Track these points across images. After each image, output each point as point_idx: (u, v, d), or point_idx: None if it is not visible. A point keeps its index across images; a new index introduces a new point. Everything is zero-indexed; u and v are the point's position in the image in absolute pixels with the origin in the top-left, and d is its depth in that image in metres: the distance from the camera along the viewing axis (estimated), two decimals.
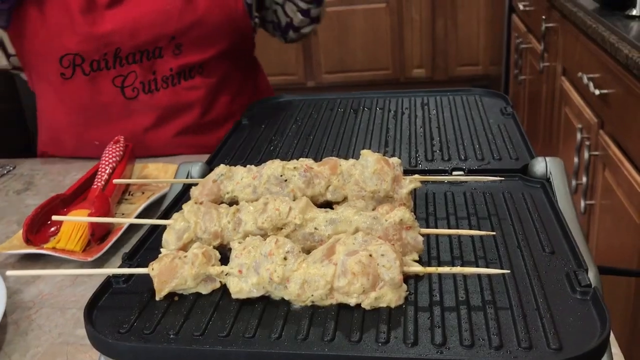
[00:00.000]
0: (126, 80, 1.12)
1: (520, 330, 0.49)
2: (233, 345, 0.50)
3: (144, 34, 1.09)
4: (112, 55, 1.10)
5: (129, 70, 1.12)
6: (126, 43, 1.09)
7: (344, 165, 0.69)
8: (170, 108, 1.17)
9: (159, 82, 1.15)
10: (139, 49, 1.10)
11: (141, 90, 1.14)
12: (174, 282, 0.56)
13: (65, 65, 1.09)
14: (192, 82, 1.17)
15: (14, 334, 0.72)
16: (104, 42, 1.08)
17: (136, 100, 1.15)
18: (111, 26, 1.07)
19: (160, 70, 1.14)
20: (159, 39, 1.10)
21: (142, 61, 1.12)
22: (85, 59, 1.09)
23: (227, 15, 1.14)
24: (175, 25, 1.10)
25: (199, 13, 1.11)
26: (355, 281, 0.53)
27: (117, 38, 1.08)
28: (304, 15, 1.25)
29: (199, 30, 1.12)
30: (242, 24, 1.18)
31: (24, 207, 1.02)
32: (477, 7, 3.77)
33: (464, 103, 0.99)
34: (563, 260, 0.58)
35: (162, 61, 1.13)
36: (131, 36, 1.09)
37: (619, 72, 1.51)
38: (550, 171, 0.73)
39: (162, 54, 1.12)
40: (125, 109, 1.15)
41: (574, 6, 1.89)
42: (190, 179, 0.79)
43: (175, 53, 1.13)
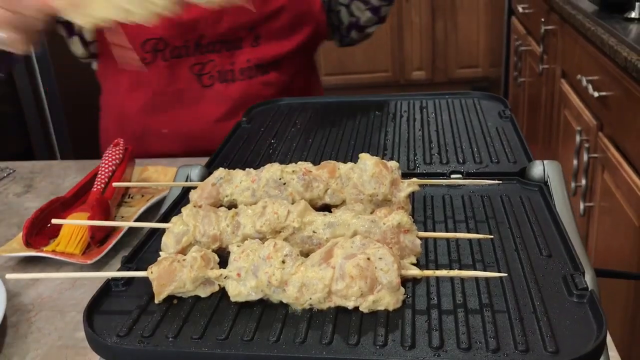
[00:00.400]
0: (204, 68, 1.14)
1: (517, 333, 0.49)
2: (232, 348, 0.50)
3: (227, 22, 1.11)
4: (193, 42, 1.11)
5: (208, 59, 1.14)
6: (209, 31, 1.11)
7: (342, 168, 0.69)
8: (242, 100, 1.18)
9: (236, 73, 1.17)
10: (220, 37, 1.13)
11: (217, 80, 1.16)
12: (173, 285, 0.56)
13: (147, 49, 1.10)
14: (268, 78, 1.19)
15: (14, 337, 0.72)
16: (189, 28, 1.10)
17: (211, 88, 1.17)
18: (197, 13, 1.09)
19: (239, 61, 1.16)
20: (240, 27, 1.13)
21: (221, 51, 1.14)
22: (168, 44, 1.11)
23: (306, 8, 1.17)
24: (256, 13, 1.12)
25: (279, 4, 1.14)
26: (353, 284, 0.53)
27: (201, 25, 1.10)
28: (373, 14, 1.24)
29: (277, 21, 1.15)
30: (318, 18, 1.20)
31: (24, 210, 1.03)
32: (476, 10, 3.77)
33: (462, 106, 0.99)
34: (560, 263, 0.58)
35: (241, 52, 1.16)
36: (214, 23, 1.11)
37: (617, 74, 1.51)
38: (548, 174, 0.74)
39: (241, 45, 1.15)
40: (199, 97, 1.17)
41: (573, 9, 1.89)
42: (190, 182, 0.80)
43: (253, 45, 1.15)
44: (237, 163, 0.86)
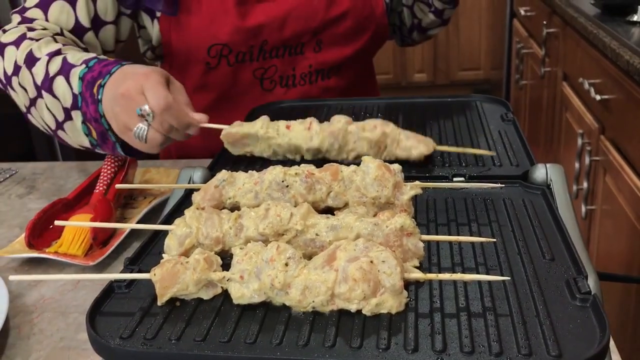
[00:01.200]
0: (266, 73, 1.15)
1: (520, 336, 0.49)
2: (234, 350, 0.50)
3: (291, 28, 1.12)
4: (257, 48, 1.12)
5: (271, 64, 1.14)
6: (273, 36, 1.12)
7: (345, 171, 0.69)
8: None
9: (297, 77, 1.17)
10: (284, 43, 1.13)
11: (278, 84, 1.17)
12: (176, 287, 0.56)
13: (212, 54, 1.11)
14: (328, 83, 1.19)
15: (16, 338, 0.72)
16: (253, 34, 1.10)
17: (271, 92, 1.17)
18: (262, 19, 1.10)
19: (300, 66, 1.16)
20: (304, 33, 1.13)
21: (284, 57, 1.14)
22: (233, 50, 1.11)
23: (368, 13, 1.16)
24: (320, 19, 1.12)
25: (343, 7, 1.14)
26: (356, 287, 0.53)
27: (265, 31, 1.10)
28: (436, 16, 1.22)
29: (340, 26, 1.15)
30: (380, 22, 1.19)
31: (26, 211, 1.03)
32: (478, 12, 3.77)
33: (464, 109, 0.99)
34: (563, 267, 0.58)
35: (303, 57, 1.16)
36: (279, 29, 1.11)
37: (620, 77, 1.51)
38: (550, 178, 0.74)
39: (303, 50, 1.15)
40: (259, 99, 1.17)
41: (575, 12, 1.89)
42: (192, 184, 0.80)
43: (315, 50, 1.15)
44: (239, 165, 0.86)
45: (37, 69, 0.91)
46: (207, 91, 1.17)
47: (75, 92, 0.87)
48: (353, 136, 0.81)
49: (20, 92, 0.95)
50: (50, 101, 0.90)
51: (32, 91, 0.92)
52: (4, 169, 1.21)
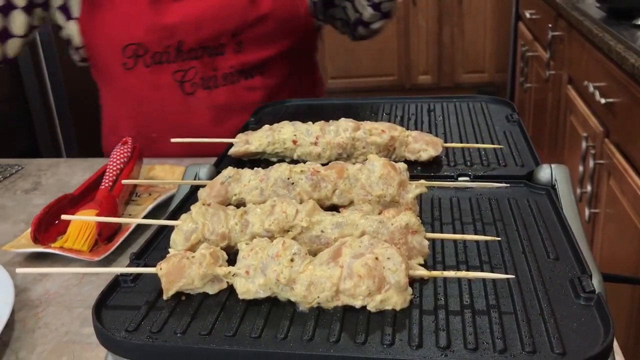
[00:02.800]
0: (186, 75, 1.13)
1: (524, 334, 0.49)
2: (240, 344, 0.51)
3: (208, 28, 1.10)
4: (174, 48, 1.11)
5: (190, 65, 1.13)
6: (189, 36, 1.10)
7: (350, 169, 0.69)
8: (227, 107, 1.18)
9: (219, 79, 1.15)
10: (202, 44, 1.11)
11: (200, 86, 1.15)
12: (182, 281, 0.57)
13: (128, 55, 1.10)
14: (252, 82, 1.18)
15: (21, 332, 0.72)
16: (168, 33, 1.09)
17: (194, 96, 1.16)
18: (177, 18, 1.09)
19: (221, 67, 1.15)
20: (222, 34, 1.11)
21: (203, 57, 1.13)
22: (148, 50, 1.10)
23: (290, 14, 1.15)
24: (238, 20, 1.11)
25: (263, 10, 1.12)
26: (361, 283, 0.53)
27: (181, 30, 1.09)
28: (375, 10, 1.22)
29: (261, 28, 1.13)
30: (304, 23, 1.18)
31: (32, 207, 1.03)
32: (483, 15, 3.78)
33: (470, 110, 0.99)
34: (567, 266, 0.58)
35: (223, 58, 1.14)
36: (195, 29, 1.10)
37: (625, 81, 1.51)
38: (555, 178, 0.74)
39: (223, 51, 1.13)
40: (182, 105, 1.16)
41: (581, 15, 1.90)
42: (198, 180, 0.80)
43: (236, 50, 1.14)
44: (245, 162, 0.87)
45: None
46: (128, 96, 1.16)
47: None
48: (361, 142, 0.80)
49: None
50: None
51: None
52: (10, 165, 1.22)
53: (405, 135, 0.81)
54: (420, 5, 3.82)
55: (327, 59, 3.95)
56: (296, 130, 0.82)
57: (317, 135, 0.81)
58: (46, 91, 2.54)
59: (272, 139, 0.83)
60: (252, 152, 0.85)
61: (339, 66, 3.99)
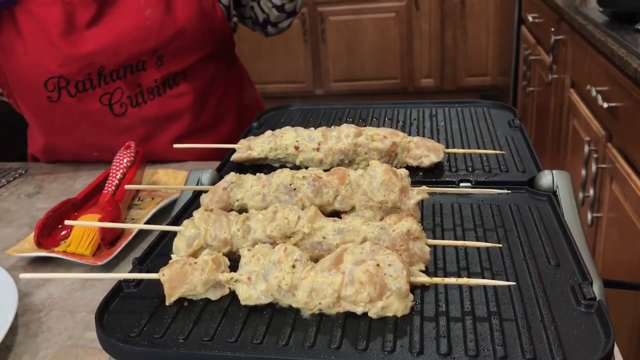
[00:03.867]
0: (113, 97, 1.12)
1: (524, 341, 0.50)
2: (241, 351, 0.51)
3: (126, 51, 1.09)
4: (95, 74, 1.09)
5: (115, 87, 1.12)
6: (109, 61, 1.09)
7: (352, 175, 0.69)
8: (160, 118, 1.18)
9: (145, 94, 1.15)
10: (122, 65, 1.10)
11: (129, 105, 1.14)
12: (184, 287, 0.57)
13: (50, 89, 1.09)
14: (178, 90, 1.17)
15: (25, 336, 0.73)
16: (87, 62, 1.07)
17: (125, 115, 1.15)
18: (93, 46, 1.07)
19: (145, 82, 1.14)
20: (141, 54, 1.10)
21: (126, 76, 1.12)
22: (70, 80, 1.08)
23: (207, 22, 1.14)
24: (156, 39, 1.10)
25: (179, 24, 1.11)
26: (362, 290, 0.54)
27: (99, 57, 1.08)
28: (279, 11, 1.27)
29: (179, 42, 1.12)
30: (220, 28, 1.19)
31: (35, 211, 1.04)
32: (486, 18, 3.78)
33: (472, 115, 1.00)
34: (568, 273, 0.58)
35: (146, 74, 1.13)
36: (114, 54, 1.08)
37: (627, 85, 1.51)
38: (557, 184, 0.74)
39: (145, 67, 1.12)
40: (116, 126, 1.15)
41: (584, 19, 1.90)
42: (201, 186, 0.80)
43: (157, 65, 1.13)
44: (247, 168, 0.87)
45: None
46: (59, 125, 1.15)
47: None
48: (363, 148, 0.80)
49: None
50: None
51: None
52: (13, 169, 1.22)
53: (407, 141, 0.82)
54: (423, 8, 3.82)
55: (329, 62, 3.95)
56: (298, 136, 0.83)
57: (319, 141, 0.81)
58: None
59: (274, 145, 0.83)
60: (254, 158, 0.85)
61: (342, 69, 4.00)
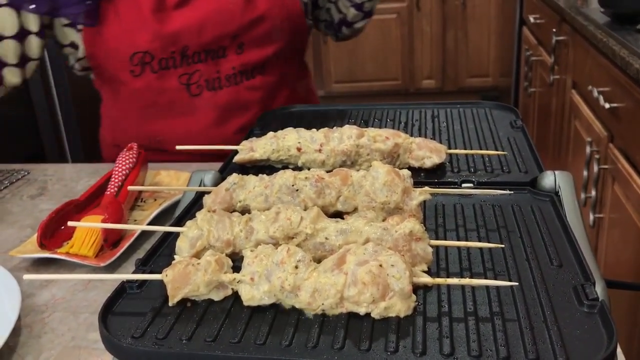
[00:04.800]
0: (192, 77, 1.18)
1: (527, 342, 0.50)
2: (244, 351, 0.51)
3: (210, 32, 1.15)
4: (179, 53, 1.15)
5: (195, 69, 1.17)
6: (193, 41, 1.14)
7: (354, 176, 0.70)
8: (230, 106, 1.22)
9: (222, 80, 1.20)
10: (205, 47, 1.16)
11: (205, 88, 1.19)
12: (187, 288, 0.57)
13: (135, 62, 1.14)
14: (253, 82, 1.22)
15: (28, 337, 0.73)
16: (172, 40, 1.13)
17: (200, 97, 1.20)
18: (179, 25, 1.13)
19: (224, 69, 1.19)
20: (223, 37, 1.16)
21: (207, 61, 1.17)
22: (154, 56, 1.14)
23: (286, 13, 1.20)
24: (237, 23, 1.16)
25: (259, 11, 1.17)
26: (365, 291, 0.54)
27: (184, 36, 1.13)
28: (357, 10, 1.28)
29: (258, 29, 1.18)
30: (298, 22, 1.23)
31: (38, 212, 1.04)
32: (487, 19, 3.78)
33: (474, 116, 1.00)
34: (571, 273, 0.59)
35: (226, 60, 1.19)
36: (198, 35, 1.14)
37: (629, 86, 1.51)
38: (559, 185, 0.74)
39: (225, 53, 1.18)
40: (188, 106, 1.20)
41: (585, 20, 1.90)
42: (203, 187, 0.80)
43: (237, 52, 1.18)
44: (250, 169, 0.87)
45: None
46: (135, 100, 1.20)
47: None
48: (365, 149, 0.81)
49: None
50: None
51: None
52: (15, 170, 1.23)
53: (409, 142, 0.82)
54: (425, 9, 3.83)
55: (331, 63, 3.95)
56: (300, 138, 0.83)
57: (321, 142, 0.81)
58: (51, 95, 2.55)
59: (277, 146, 0.83)
60: (256, 160, 0.85)
61: (343, 70, 4.00)
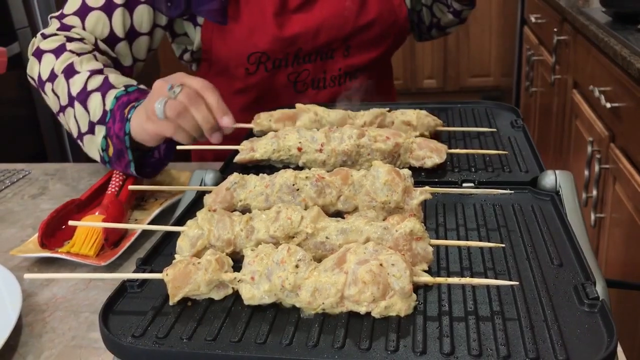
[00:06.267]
0: (300, 76, 1.20)
1: (527, 341, 0.50)
2: (245, 350, 0.51)
3: (324, 36, 1.16)
4: (292, 55, 1.17)
5: (304, 68, 1.20)
6: (307, 44, 1.16)
7: (355, 175, 0.70)
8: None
9: (327, 80, 1.22)
10: (317, 50, 1.18)
11: (310, 86, 1.22)
12: (188, 287, 0.57)
13: (251, 62, 1.16)
14: (353, 83, 1.24)
15: (29, 336, 0.73)
16: (289, 43, 1.15)
17: (304, 94, 1.22)
18: (297, 29, 1.14)
19: (330, 69, 1.21)
20: (335, 41, 1.18)
21: (316, 61, 1.20)
22: (270, 57, 1.16)
23: (394, 18, 1.22)
24: (351, 27, 1.17)
25: (371, 16, 1.19)
26: (365, 290, 0.54)
27: (301, 40, 1.15)
28: (454, 16, 1.30)
29: (368, 33, 1.20)
30: (403, 25, 1.24)
31: (39, 211, 1.04)
32: (489, 19, 3.78)
33: (474, 115, 1.00)
34: (571, 272, 0.59)
35: (333, 62, 1.21)
36: (313, 38, 1.16)
37: (630, 85, 1.51)
38: (559, 184, 0.74)
39: (333, 55, 1.20)
40: (292, 100, 1.21)
41: (586, 19, 1.90)
42: (204, 186, 0.81)
43: (344, 55, 1.21)
44: (250, 168, 0.87)
45: (75, 81, 0.96)
46: (245, 94, 1.22)
47: (107, 109, 0.92)
48: (366, 149, 0.81)
49: (51, 98, 1.00)
50: (80, 112, 0.95)
51: (64, 99, 0.98)
52: (17, 170, 1.23)
53: (409, 141, 0.82)
54: None
55: None
56: (301, 137, 0.83)
57: (322, 142, 0.81)
58: None
59: (277, 146, 0.83)
60: (257, 160, 0.85)
61: None
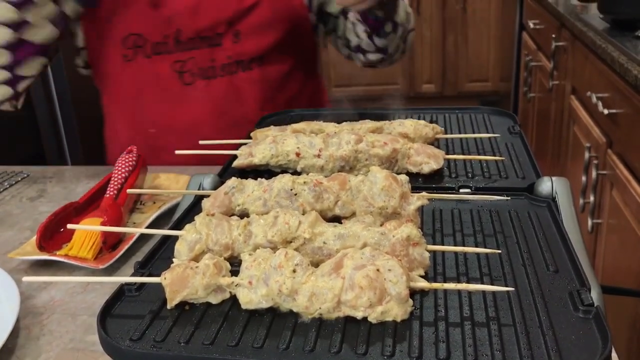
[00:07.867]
0: (185, 65, 1.15)
1: (522, 346, 0.50)
2: (242, 354, 0.51)
3: (204, 16, 1.12)
4: (173, 38, 1.13)
5: (189, 56, 1.15)
6: (187, 25, 1.12)
7: (353, 181, 0.70)
8: (226, 98, 1.19)
9: (217, 69, 1.17)
10: (199, 33, 1.13)
11: (199, 77, 1.17)
12: (185, 291, 0.57)
13: (128, 45, 1.13)
14: (250, 74, 1.19)
15: (26, 339, 0.73)
16: (166, 22, 1.11)
17: (193, 86, 1.17)
18: (174, 7, 1.11)
19: (219, 58, 1.16)
20: (218, 22, 1.13)
21: (201, 48, 1.15)
22: (148, 40, 1.12)
23: (285, 3, 1.17)
24: (233, 8, 1.13)
25: None
26: (362, 295, 0.54)
27: (178, 19, 1.12)
28: (369, 39, 1.19)
29: (256, 16, 1.15)
30: (299, 12, 1.19)
31: (37, 214, 1.04)
32: (487, 24, 3.79)
33: (472, 121, 1.00)
34: (567, 279, 0.59)
35: (221, 49, 1.16)
36: (191, 18, 1.12)
37: (628, 92, 1.52)
38: (556, 191, 0.74)
39: (221, 41, 1.15)
40: (181, 96, 1.17)
41: (584, 26, 1.90)
42: (202, 190, 0.81)
43: (234, 41, 1.15)
44: (249, 173, 0.87)
45: None
46: (127, 87, 1.18)
47: None
48: (364, 155, 0.81)
49: None
50: None
51: None
52: (15, 172, 1.23)
53: (407, 147, 0.82)
54: (425, 14, 3.83)
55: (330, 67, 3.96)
56: (299, 143, 0.83)
57: (320, 147, 0.81)
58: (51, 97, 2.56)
59: (276, 152, 0.84)
60: (255, 165, 0.86)
61: (343, 74, 4.00)
